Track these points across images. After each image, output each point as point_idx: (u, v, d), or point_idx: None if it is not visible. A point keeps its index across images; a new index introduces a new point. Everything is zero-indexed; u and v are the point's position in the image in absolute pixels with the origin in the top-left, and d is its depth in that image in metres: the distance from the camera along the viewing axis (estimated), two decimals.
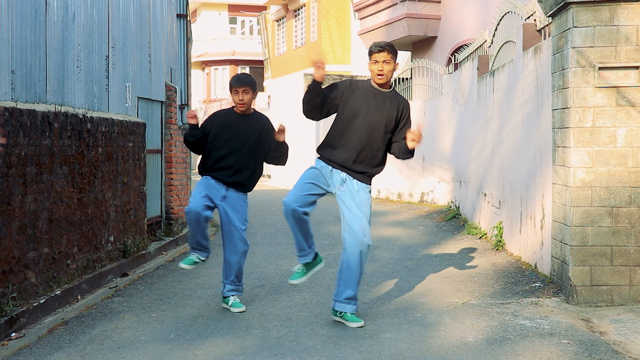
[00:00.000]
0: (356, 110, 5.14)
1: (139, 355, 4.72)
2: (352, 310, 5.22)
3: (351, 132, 5.16)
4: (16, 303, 5.63)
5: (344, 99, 5.18)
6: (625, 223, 5.61)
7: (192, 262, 5.84)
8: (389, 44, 5.17)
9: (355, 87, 5.22)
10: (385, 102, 5.19)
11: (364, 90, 5.20)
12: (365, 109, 5.14)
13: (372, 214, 5.35)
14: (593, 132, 5.61)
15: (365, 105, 5.15)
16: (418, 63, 15.24)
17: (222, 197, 5.75)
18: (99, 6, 7.71)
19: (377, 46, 5.14)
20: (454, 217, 11.49)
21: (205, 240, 5.82)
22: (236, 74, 5.90)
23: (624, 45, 5.56)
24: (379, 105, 5.16)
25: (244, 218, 5.81)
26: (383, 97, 5.20)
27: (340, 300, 5.22)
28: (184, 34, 12.03)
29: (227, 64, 39.18)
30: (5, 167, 5.54)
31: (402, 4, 17.60)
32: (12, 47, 5.85)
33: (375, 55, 5.12)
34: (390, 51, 5.13)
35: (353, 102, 5.16)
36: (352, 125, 5.15)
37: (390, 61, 5.13)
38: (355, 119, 5.14)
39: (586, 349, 4.55)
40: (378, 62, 5.12)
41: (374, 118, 5.14)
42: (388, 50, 5.12)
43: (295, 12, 28.14)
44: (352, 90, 5.20)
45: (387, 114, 5.17)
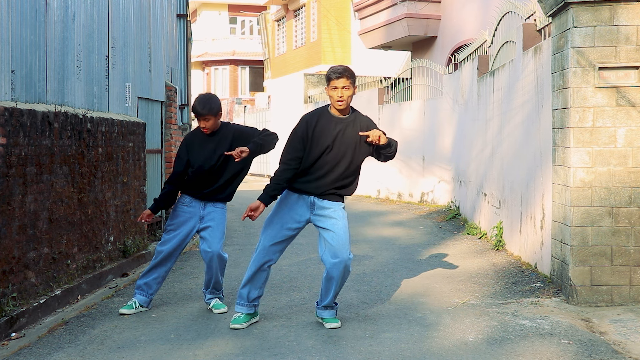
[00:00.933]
0: (322, 145, 5.06)
1: (139, 355, 4.72)
2: (331, 315, 5.29)
3: (320, 166, 5.08)
4: (16, 303, 5.63)
5: (308, 140, 5.08)
6: (625, 223, 5.61)
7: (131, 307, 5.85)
8: (347, 69, 5.07)
9: (314, 122, 5.11)
10: (348, 128, 5.09)
11: (325, 122, 5.10)
12: (331, 142, 5.05)
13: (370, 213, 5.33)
14: (593, 132, 5.61)
15: (330, 137, 5.05)
16: (418, 63, 15.24)
17: (200, 218, 5.79)
18: (99, 6, 7.71)
19: (336, 72, 5.04)
20: (454, 217, 11.49)
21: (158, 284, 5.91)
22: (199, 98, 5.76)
23: (624, 45, 5.56)
24: (343, 133, 5.08)
25: (222, 232, 5.80)
26: (345, 124, 5.09)
27: (320, 307, 5.31)
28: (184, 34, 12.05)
29: (227, 64, 39.18)
30: (5, 167, 5.54)
31: (402, 4, 17.59)
32: (12, 47, 5.85)
33: (334, 82, 5.01)
34: (349, 77, 5.03)
35: (317, 138, 5.07)
36: (320, 159, 5.07)
37: (350, 86, 5.03)
38: (323, 153, 5.06)
39: (586, 349, 4.55)
40: (337, 88, 5.00)
41: (340, 148, 5.05)
42: (347, 75, 5.02)
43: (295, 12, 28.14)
44: (313, 128, 5.09)
45: (353, 140, 5.08)
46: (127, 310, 5.80)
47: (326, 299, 5.23)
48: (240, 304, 5.30)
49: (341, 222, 5.11)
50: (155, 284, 5.87)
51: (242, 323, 5.24)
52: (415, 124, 14.71)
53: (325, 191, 5.11)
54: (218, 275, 5.83)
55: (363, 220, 11.95)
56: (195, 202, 5.79)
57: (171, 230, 5.79)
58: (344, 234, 5.09)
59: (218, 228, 5.77)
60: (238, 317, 5.29)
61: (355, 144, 5.09)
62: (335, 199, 5.16)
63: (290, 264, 7.91)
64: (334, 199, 5.15)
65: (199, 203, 5.79)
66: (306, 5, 26.88)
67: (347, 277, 5.22)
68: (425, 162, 14.19)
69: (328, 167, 5.07)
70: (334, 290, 5.17)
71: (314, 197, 5.13)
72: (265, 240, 5.19)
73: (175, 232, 5.77)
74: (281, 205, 5.21)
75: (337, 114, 5.12)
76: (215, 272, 5.79)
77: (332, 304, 5.28)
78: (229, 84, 39.23)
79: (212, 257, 5.72)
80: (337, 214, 5.12)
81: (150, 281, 5.84)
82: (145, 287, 5.85)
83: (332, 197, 5.14)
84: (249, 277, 5.26)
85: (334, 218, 5.10)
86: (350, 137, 5.08)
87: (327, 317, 5.27)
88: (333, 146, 5.05)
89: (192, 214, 5.79)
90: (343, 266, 5.06)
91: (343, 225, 5.11)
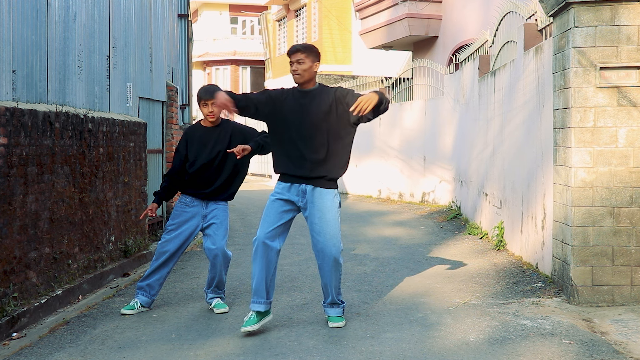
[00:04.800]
0: (287, 120, 5.07)
1: (140, 355, 4.72)
2: (336, 313, 5.27)
3: (294, 142, 5.06)
4: (17, 303, 5.63)
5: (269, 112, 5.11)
6: (626, 223, 5.60)
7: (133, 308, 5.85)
8: (304, 44, 5.15)
9: (279, 96, 5.14)
10: (314, 99, 5.08)
11: (290, 97, 5.13)
12: (295, 115, 5.05)
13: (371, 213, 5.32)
14: (594, 132, 5.61)
15: (294, 110, 5.06)
16: (419, 63, 15.24)
17: (203, 216, 5.80)
18: (100, 6, 7.72)
19: (291, 48, 5.13)
20: (455, 217, 11.49)
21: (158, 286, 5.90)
22: (203, 86, 5.85)
23: (625, 45, 5.56)
24: (310, 104, 5.06)
25: (225, 229, 5.80)
26: (311, 96, 5.10)
27: (326, 305, 5.31)
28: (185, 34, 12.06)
29: (228, 64, 39.17)
30: (6, 167, 5.55)
31: (403, 4, 17.59)
32: (13, 47, 5.86)
33: (290, 57, 5.10)
34: (303, 51, 5.07)
35: (281, 113, 5.09)
36: (291, 135, 5.06)
37: (304, 60, 5.06)
38: (290, 128, 5.06)
39: (587, 349, 4.55)
40: (292, 62, 5.08)
41: (311, 119, 5.03)
42: (301, 50, 5.08)
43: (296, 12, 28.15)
44: (276, 101, 5.12)
45: (323, 109, 5.05)
46: (129, 311, 5.80)
47: (327, 295, 5.24)
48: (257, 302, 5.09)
49: (329, 215, 5.05)
50: (157, 285, 5.88)
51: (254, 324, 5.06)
52: (416, 123, 14.71)
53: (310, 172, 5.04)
54: (222, 274, 5.82)
55: (364, 220, 11.95)
56: (197, 202, 5.80)
57: (172, 230, 5.79)
58: (333, 227, 5.05)
59: (222, 225, 5.78)
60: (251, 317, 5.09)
61: (328, 112, 5.06)
62: (325, 185, 5.08)
63: (291, 263, 7.91)
64: (324, 185, 5.08)
65: (200, 202, 5.80)
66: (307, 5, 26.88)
67: (340, 269, 5.16)
68: (426, 162, 14.19)
69: (305, 142, 5.04)
70: (330, 284, 5.15)
71: (304, 185, 5.08)
72: (260, 231, 5.07)
73: (177, 232, 5.78)
74: (274, 195, 5.19)
75: (301, 87, 5.15)
76: (219, 271, 5.78)
77: (337, 301, 5.25)
78: (230, 84, 39.22)
79: (216, 254, 5.72)
80: (325, 205, 5.05)
81: (152, 282, 5.85)
82: (148, 287, 5.85)
83: (320, 183, 5.07)
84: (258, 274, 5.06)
85: (322, 210, 5.05)
86: (319, 107, 5.06)
87: (332, 316, 5.25)
88: (302, 118, 5.04)
89: (195, 213, 5.80)
90: (332, 259, 5.06)
91: (332, 217, 5.05)
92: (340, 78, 22.05)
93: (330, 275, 5.14)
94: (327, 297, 5.28)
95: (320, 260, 5.14)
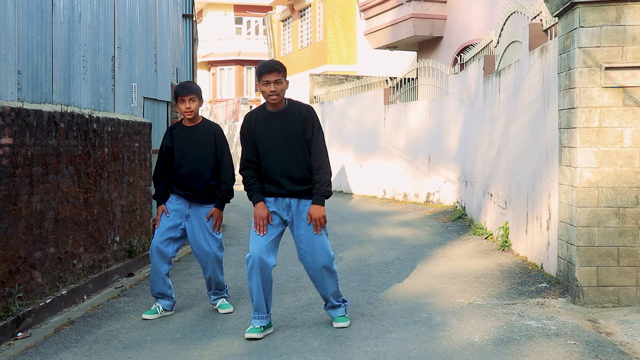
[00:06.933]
0: (267, 142, 5.05)
1: (144, 355, 4.73)
2: (339, 313, 5.27)
3: (274, 162, 5.05)
4: (22, 303, 5.64)
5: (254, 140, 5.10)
6: (632, 223, 5.59)
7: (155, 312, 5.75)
8: (278, 62, 5.07)
9: (253, 122, 5.12)
10: (286, 119, 5.07)
11: (262, 119, 5.09)
12: (274, 136, 5.04)
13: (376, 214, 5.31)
14: (599, 132, 5.60)
15: (272, 132, 5.05)
16: (424, 63, 15.23)
17: (186, 216, 5.72)
18: (105, 6, 7.73)
19: (267, 66, 5.00)
20: (459, 218, 11.48)
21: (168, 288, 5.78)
22: (180, 82, 5.79)
23: (631, 45, 5.54)
24: (283, 125, 5.05)
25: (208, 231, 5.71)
26: (283, 115, 5.07)
27: (326, 308, 5.33)
28: (190, 34, 12.05)
29: (233, 64, 39.22)
30: (11, 167, 5.56)
31: (407, 4, 17.58)
32: (18, 47, 5.87)
33: (265, 76, 4.97)
34: (280, 70, 5.01)
35: (260, 137, 5.07)
36: (271, 156, 5.05)
37: (282, 80, 5.00)
38: (271, 149, 5.05)
39: (592, 350, 4.54)
40: (270, 82, 4.97)
41: (285, 139, 5.03)
42: (278, 69, 5.00)
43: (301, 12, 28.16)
44: (253, 128, 5.10)
45: (294, 129, 5.05)
46: (148, 316, 5.69)
47: (326, 300, 5.25)
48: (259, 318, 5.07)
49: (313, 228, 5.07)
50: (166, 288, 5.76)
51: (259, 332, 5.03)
52: (421, 124, 14.69)
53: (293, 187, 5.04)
54: (217, 275, 5.77)
55: (369, 220, 11.94)
56: (181, 199, 5.72)
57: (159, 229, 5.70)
58: (319, 238, 5.04)
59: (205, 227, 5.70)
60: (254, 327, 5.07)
61: (299, 131, 5.06)
62: (308, 197, 5.08)
63: (295, 263, 7.91)
64: (307, 197, 5.08)
65: (184, 202, 5.72)
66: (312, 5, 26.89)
67: (335, 275, 5.14)
68: (431, 163, 14.17)
69: (281, 163, 5.03)
70: (328, 291, 5.15)
71: (289, 199, 5.07)
72: (253, 247, 5.01)
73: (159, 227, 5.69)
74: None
75: (272, 108, 5.10)
76: (212, 272, 5.73)
77: (336, 304, 5.25)
78: (234, 84, 39.26)
79: (206, 256, 5.69)
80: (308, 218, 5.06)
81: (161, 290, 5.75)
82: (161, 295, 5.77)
83: (306, 195, 5.07)
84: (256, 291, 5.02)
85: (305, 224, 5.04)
86: (290, 127, 5.05)
87: (336, 316, 5.26)
88: (279, 139, 5.03)
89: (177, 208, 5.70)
90: (320, 270, 5.07)
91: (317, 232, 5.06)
92: (345, 78, 22.03)
93: (325, 284, 5.13)
94: (326, 302, 5.30)
95: (311, 271, 5.12)
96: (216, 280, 5.80)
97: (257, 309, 5.05)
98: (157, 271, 5.69)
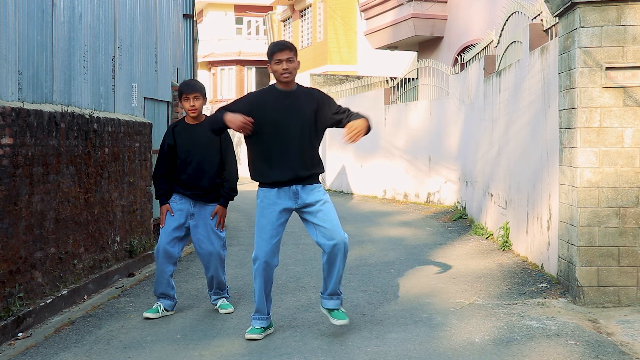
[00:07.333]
0: (275, 121, 4.90)
1: (145, 355, 4.73)
2: (335, 305, 5.05)
3: (282, 143, 4.91)
4: (23, 303, 5.64)
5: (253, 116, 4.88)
6: (632, 224, 5.59)
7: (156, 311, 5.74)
8: (289, 42, 5.00)
9: (260, 100, 4.98)
10: (298, 100, 4.97)
11: (272, 98, 4.96)
12: (284, 116, 4.91)
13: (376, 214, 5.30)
14: (600, 132, 5.60)
15: (282, 111, 4.91)
16: (424, 63, 15.23)
17: (190, 215, 5.70)
18: (106, 6, 7.73)
19: (278, 45, 4.92)
20: (460, 218, 11.48)
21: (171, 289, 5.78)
22: (184, 80, 5.78)
23: (632, 45, 5.54)
24: (294, 105, 4.93)
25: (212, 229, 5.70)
26: (294, 96, 4.97)
27: (325, 296, 5.07)
28: (190, 34, 12.06)
29: (233, 65, 39.22)
30: (12, 167, 5.56)
31: (408, 4, 17.58)
32: (19, 47, 5.87)
33: (277, 55, 4.89)
34: (291, 49, 4.94)
35: (267, 115, 4.91)
36: (279, 137, 4.91)
37: (294, 59, 4.93)
38: (279, 129, 4.90)
39: (593, 350, 4.54)
40: (282, 60, 4.88)
41: (296, 120, 4.91)
42: (290, 48, 4.94)
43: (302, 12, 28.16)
44: (259, 105, 4.94)
45: (306, 111, 4.95)
46: (149, 314, 5.69)
47: (330, 284, 5.01)
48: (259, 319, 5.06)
49: (328, 203, 4.99)
50: (169, 288, 5.76)
51: (259, 333, 5.03)
52: (421, 124, 14.69)
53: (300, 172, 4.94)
54: (219, 274, 5.77)
55: (369, 220, 11.94)
56: (185, 199, 5.71)
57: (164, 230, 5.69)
58: (334, 214, 4.97)
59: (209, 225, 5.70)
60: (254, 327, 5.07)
61: (310, 114, 4.97)
62: (313, 182, 5.02)
63: (295, 263, 7.91)
64: (312, 182, 5.01)
65: (189, 201, 5.71)
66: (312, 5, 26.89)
67: (347, 255, 5.04)
68: (432, 163, 14.17)
69: (293, 144, 4.92)
70: (337, 274, 4.99)
71: (295, 186, 4.96)
72: (259, 250, 4.97)
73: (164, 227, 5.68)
74: (263, 206, 5.00)
75: (284, 87, 5.00)
76: (215, 271, 5.73)
77: (337, 291, 5.07)
78: (235, 84, 39.26)
79: (209, 254, 5.68)
80: (320, 196, 4.99)
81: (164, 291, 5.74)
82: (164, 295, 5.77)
83: (309, 180, 5.00)
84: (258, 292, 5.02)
85: (319, 200, 4.96)
86: (303, 108, 4.95)
87: (333, 308, 5.04)
88: (289, 119, 4.92)
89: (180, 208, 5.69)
90: (343, 245, 4.92)
91: (330, 205, 5.00)
92: (345, 78, 22.03)
93: (341, 262, 4.98)
94: (327, 288, 5.04)
95: (330, 249, 4.91)
96: (218, 280, 5.79)
97: (259, 310, 5.04)
98: (163, 272, 5.69)
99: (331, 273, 5.00)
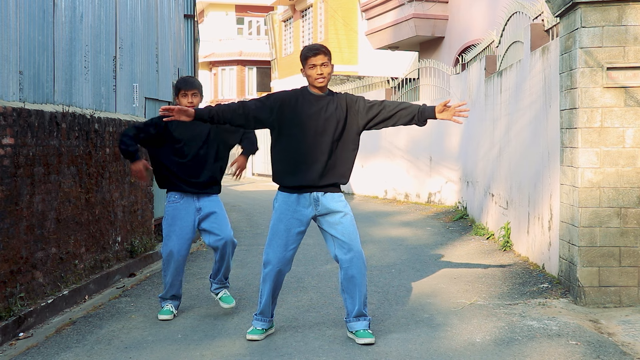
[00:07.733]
0: (303, 124, 4.81)
1: (146, 355, 4.73)
2: (364, 326, 4.87)
3: (307, 147, 4.81)
4: (24, 303, 5.65)
5: (281, 117, 4.83)
6: (633, 224, 5.58)
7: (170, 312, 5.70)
8: (324, 46, 4.92)
9: (292, 100, 4.86)
10: (330, 104, 4.85)
11: (304, 100, 4.85)
12: (313, 120, 4.81)
13: (377, 214, 5.29)
14: (601, 132, 5.59)
15: (311, 115, 4.81)
16: (425, 63, 15.23)
17: (197, 210, 5.64)
18: (107, 7, 7.73)
19: (312, 50, 4.83)
20: (461, 218, 11.48)
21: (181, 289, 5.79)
22: (182, 77, 5.77)
23: (633, 46, 5.54)
24: (326, 110, 4.84)
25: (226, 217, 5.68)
26: (326, 101, 4.87)
27: (351, 320, 4.91)
28: (191, 35, 12.06)
29: (235, 65, 39.24)
30: (13, 168, 5.56)
31: (409, 4, 17.57)
32: (20, 47, 5.87)
33: (312, 59, 4.80)
34: (326, 53, 4.87)
35: (296, 117, 4.81)
36: (305, 140, 4.81)
37: (328, 63, 4.82)
38: (306, 133, 4.80)
39: (594, 350, 4.54)
40: (316, 65, 4.80)
41: (325, 126, 4.81)
42: (324, 52, 4.83)
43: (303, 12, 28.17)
44: (290, 104, 4.83)
45: (336, 116, 4.83)
46: (166, 316, 5.64)
47: (355, 305, 4.85)
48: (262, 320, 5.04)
49: (349, 216, 4.90)
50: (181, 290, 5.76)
51: (260, 334, 5.01)
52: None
53: (322, 180, 4.84)
54: (229, 261, 5.75)
55: (370, 220, 11.94)
56: (187, 197, 5.64)
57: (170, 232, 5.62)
58: (353, 227, 4.88)
59: (221, 213, 5.67)
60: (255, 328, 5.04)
61: (340, 120, 4.86)
62: (335, 190, 4.92)
63: (297, 263, 7.90)
64: (334, 190, 4.92)
65: (190, 196, 5.65)
66: (313, 5, 26.90)
67: (366, 271, 4.92)
68: (433, 163, 14.17)
69: (318, 149, 4.82)
70: (359, 291, 4.84)
71: (316, 193, 4.87)
72: (273, 255, 4.91)
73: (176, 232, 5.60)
74: (282, 210, 4.90)
75: (317, 92, 4.91)
76: (227, 260, 5.70)
77: (363, 312, 4.88)
78: (236, 85, 39.28)
79: (225, 243, 5.61)
80: (341, 207, 4.90)
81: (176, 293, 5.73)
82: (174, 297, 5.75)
83: (331, 189, 4.90)
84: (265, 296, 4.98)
85: (340, 212, 4.88)
86: (333, 114, 4.85)
87: (361, 330, 4.83)
88: (317, 124, 4.82)
89: (187, 207, 5.63)
90: (360, 259, 4.83)
91: (351, 218, 4.91)
92: (347, 78, 22.03)
93: (363, 280, 4.86)
94: (352, 310, 4.88)
95: (347, 264, 4.82)
96: (226, 266, 5.73)
97: (263, 312, 5.02)
98: (178, 275, 5.67)
99: (353, 293, 4.85)
